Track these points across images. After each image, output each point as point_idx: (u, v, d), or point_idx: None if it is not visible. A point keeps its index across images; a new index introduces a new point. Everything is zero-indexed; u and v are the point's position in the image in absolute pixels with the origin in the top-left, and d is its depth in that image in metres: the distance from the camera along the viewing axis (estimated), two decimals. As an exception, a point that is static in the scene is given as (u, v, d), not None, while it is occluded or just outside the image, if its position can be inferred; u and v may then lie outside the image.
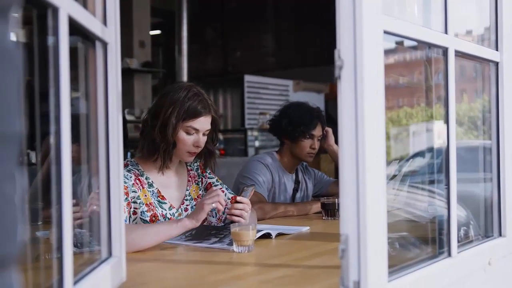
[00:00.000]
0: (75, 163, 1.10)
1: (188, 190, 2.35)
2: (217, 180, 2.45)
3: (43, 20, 1.01)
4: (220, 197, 2.02)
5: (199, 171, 2.43)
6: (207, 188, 2.40)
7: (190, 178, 2.38)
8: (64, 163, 1.01)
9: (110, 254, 1.37)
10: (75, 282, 1.09)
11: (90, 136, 1.37)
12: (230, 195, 2.40)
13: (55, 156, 1.00)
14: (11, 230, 0.57)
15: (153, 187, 2.23)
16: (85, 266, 1.26)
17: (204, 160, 2.38)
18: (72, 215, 1.03)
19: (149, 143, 2.21)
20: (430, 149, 2.17)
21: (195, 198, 2.36)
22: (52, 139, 1.01)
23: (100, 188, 1.37)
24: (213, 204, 1.99)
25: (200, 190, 2.40)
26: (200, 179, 2.42)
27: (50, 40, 1.01)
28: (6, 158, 0.56)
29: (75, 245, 1.17)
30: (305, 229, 2.35)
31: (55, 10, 0.99)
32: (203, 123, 2.22)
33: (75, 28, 1.11)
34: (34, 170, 2.18)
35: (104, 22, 1.34)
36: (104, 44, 1.34)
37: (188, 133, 2.20)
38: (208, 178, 2.44)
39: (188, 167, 2.41)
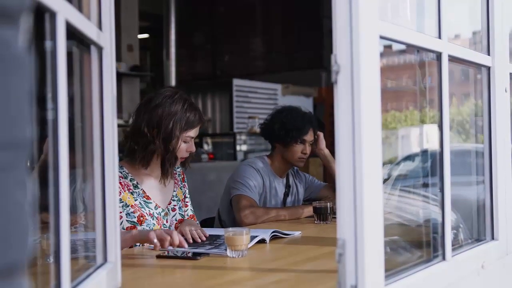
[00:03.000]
0: (69, 167, 1.09)
1: (175, 191, 2.44)
2: (188, 192, 2.55)
3: (39, 24, 1.00)
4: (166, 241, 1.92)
5: (180, 177, 2.53)
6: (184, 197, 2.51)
7: (176, 181, 2.48)
8: (61, 168, 1.00)
9: (105, 259, 1.36)
10: (72, 288, 1.08)
11: (85, 141, 1.36)
12: (191, 212, 2.49)
13: (52, 161, 1.00)
14: (23, 236, 0.56)
15: (139, 188, 2.30)
16: (80, 271, 1.25)
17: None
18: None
19: (148, 154, 2.27)
20: (420, 153, 2.18)
21: (181, 200, 2.46)
22: (48, 144, 1.01)
23: (95, 193, 1.36)
24: (155, 240, 1.90)
25: (182, 195, 2.49)
26: (183, 185, 2.53)
27: (47, 44, 1.00)
28: (17, 164, 0.56)
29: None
30: (297, 233, 2.35)
31: (53, 15, 0.98)
32: (197, 130, 2.35)
33: (71, 33, 1.10)
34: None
35: (100, 26, 1.34)
36: (100, 49, 1.34)
37: (185, 141, 2.31)
38: (186, 188, 2.54)
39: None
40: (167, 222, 2.35)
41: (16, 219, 0.55)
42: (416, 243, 1.74)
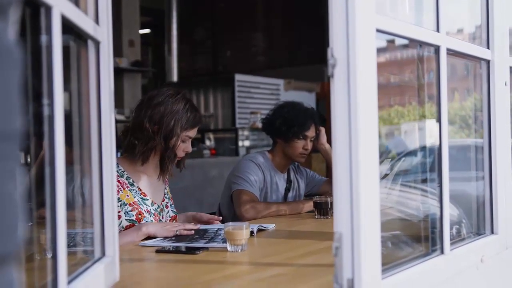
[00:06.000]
0: (67, 163, 1.09)
1: (166, 189, 2.48)
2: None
3: (35, 18, 1.00)
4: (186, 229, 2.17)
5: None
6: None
7: (166, 179, 2.50)
8: (58, 164, 1.00)
9: (103, 253, 1.37)
10: (69, 282, 1.09)
11: (82, 137, 1.36)
12: (172, 214, 2.48)
13: (48, 156, 1.00)
14: (13, 227, 0.57)
15: (134, 186, 2.32)
16: (77, 265, 1.25)
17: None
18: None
19: (148, 150, 2.29)
20: (422, 148, 2.18)
21: (171, 198, 2.50)
22: (45, 140, 1.01)
23: (93, 188, 1.36)
24: (177, 232, 2.14)
25: (170, 193, 2.53)
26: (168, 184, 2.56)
27: (43, 38, 1.00)
28: (7, 155, 0.56)
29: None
30: (272, 226, 2.38)
31: (48, 9, 0.98)
32: (196, 131, 2.38)
33: (67, 27, 1.10)
34: (25, 171, 2.17)
35: (97, 21, 1.34)
36: (97, 43, 1.34)
37: (183, 141, 2.33)
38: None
39: None
40: (162, 218, 2.37)
41: (5, 209, 0.55)
42: (415, 238, 1.73)
